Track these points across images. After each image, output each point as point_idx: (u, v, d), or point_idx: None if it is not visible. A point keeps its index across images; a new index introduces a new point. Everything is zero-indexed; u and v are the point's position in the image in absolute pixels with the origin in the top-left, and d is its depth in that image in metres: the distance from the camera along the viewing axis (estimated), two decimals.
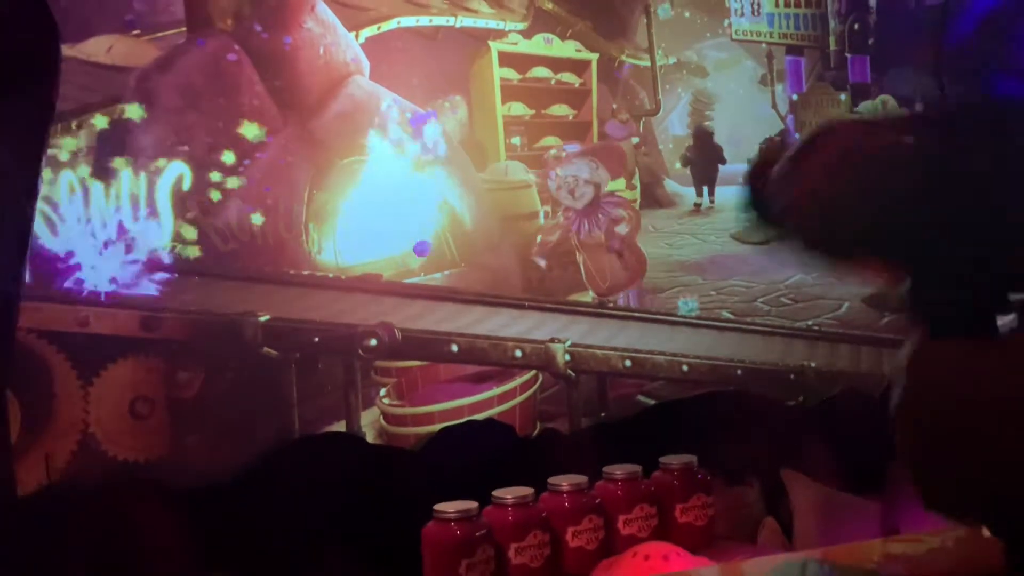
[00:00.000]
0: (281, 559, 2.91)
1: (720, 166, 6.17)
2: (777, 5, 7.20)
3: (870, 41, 6.95)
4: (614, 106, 6.56)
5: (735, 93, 8.26)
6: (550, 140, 5.92)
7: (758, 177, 1.79)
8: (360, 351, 3.41)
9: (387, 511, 2.97)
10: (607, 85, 6.01)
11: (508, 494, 2.81)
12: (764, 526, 3.19)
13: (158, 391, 3.33)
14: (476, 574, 2.69)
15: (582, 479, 2.91)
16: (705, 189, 6.38)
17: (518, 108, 5.84)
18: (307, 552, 2.91)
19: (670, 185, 6.79)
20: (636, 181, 6.31)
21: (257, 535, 2.93)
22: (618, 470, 2.97)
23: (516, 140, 5.55)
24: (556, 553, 2.84)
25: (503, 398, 3.67)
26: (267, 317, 3.41)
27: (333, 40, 4.72)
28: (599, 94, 5.92)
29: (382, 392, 3.69)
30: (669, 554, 2.68)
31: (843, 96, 6.65)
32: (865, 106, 6.53)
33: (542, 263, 4.45)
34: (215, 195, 3.91)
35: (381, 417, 3.63)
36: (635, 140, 6.75)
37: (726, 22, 7.14)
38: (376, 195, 4.59)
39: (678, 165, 6.90)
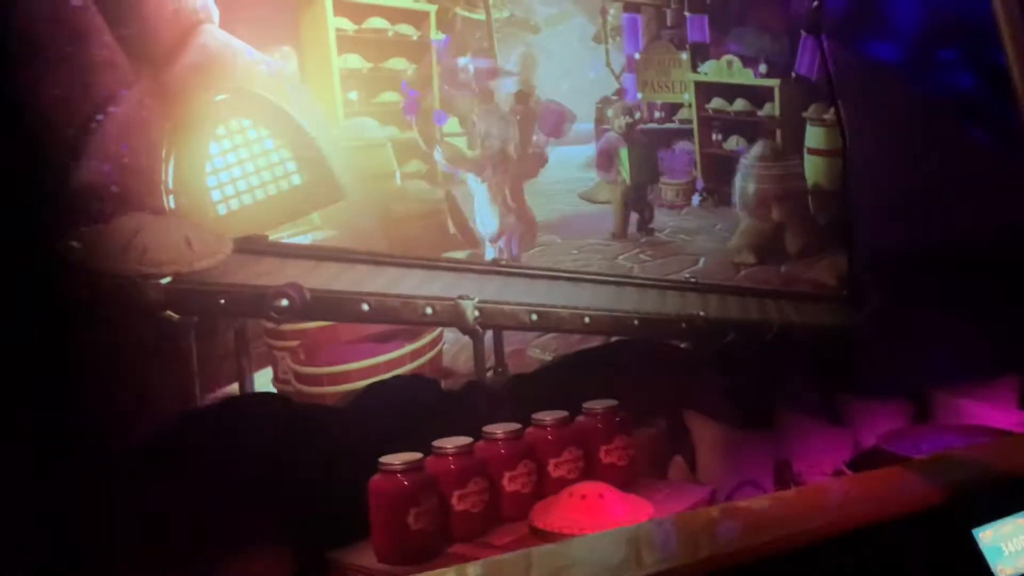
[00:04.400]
0: (219, 517, 3.09)
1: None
2: None
3: (708, 0, 7.27)
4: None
5: (566, 50, 8.54)
6: (389, 95, 6.02)
7: None
8: (272, 312, 3.57)
9: (320, 466, 3.19)
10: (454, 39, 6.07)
11: (448, 444, 3.07)
12: (673, 463, 3.57)
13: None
14: (423, 522, 2.96)
15: (515, 426, 3.21)
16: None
17: (354, 61, 5.87)
18: (244, 509, 3.10)
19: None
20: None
21: (191, 494, 3.10)
22: (547, 416, 3.27)
23: (353, 95, 5.47)
24: (494, 498, 3.11)
25: (415, 355, 3.92)
26: (169, 279, 3.51)
27: None
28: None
29: (287, 355, 3.85)
30: (604, 492, 3.02)
31: (684, 56, 6.93)
32: (709, 66, 6.88)
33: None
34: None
35: (293, 378, 3.80)
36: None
37: None
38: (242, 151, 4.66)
39: None
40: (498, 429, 3.25)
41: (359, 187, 4.88)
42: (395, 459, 3.00)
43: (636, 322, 4.20)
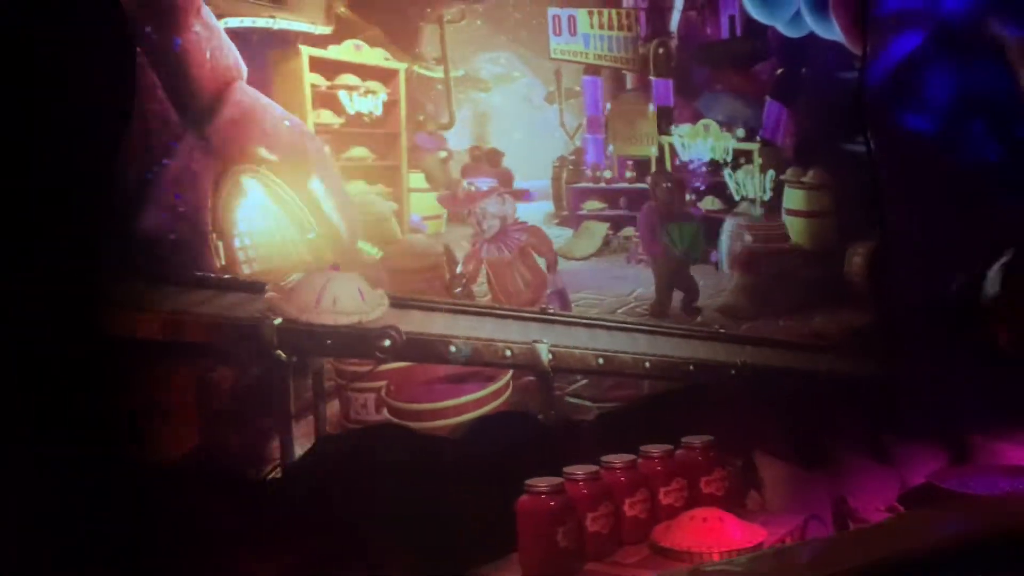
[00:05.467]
0: (357, 539, 3.46)
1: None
2: (592, 26, 7.91)
3: (672, 65, 7.78)
4: (420, 117, 7.11)
5: (512, 109, 9.02)
6: (358, 151, 6.42)
7: None
8: (376, 352, 3.96)
9: (448, 490, 3.58)
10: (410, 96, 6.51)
11: (578, 470, 3.49)
12: (749, 498, 4.06)
13: (182, 394, 3.72)
14: (568, 541, 3.38)
15: (630, 457, 3.65)
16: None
17: (327, 116, 6.27)
18: (381, 532, 3.47)
19: None
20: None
21: (332, 520, 3.46)
22: (653, 449, 3.72)
23: (325, 149, 5.90)
24: (618, 522, 3.54)
25: (496, 394, 4.35)
26: (280, 320, 3.87)
27: (217, 44, 5.11)
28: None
29: (383, 392, 4.24)
30: (722, 516, 3.49)
31: (651, 107, 7.33)
32: (684, 130, 7.35)
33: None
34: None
35: (389, 413, 4.19)
36: (443, 154, 7.38)
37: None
38: (270, 205, 5.06)
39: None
40: (616, 459, 3.68)
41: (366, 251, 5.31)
42: (541, 482, 3.40)
43: (691, 367, 4.67)
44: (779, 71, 7.32)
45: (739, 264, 6.21)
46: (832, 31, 5.71)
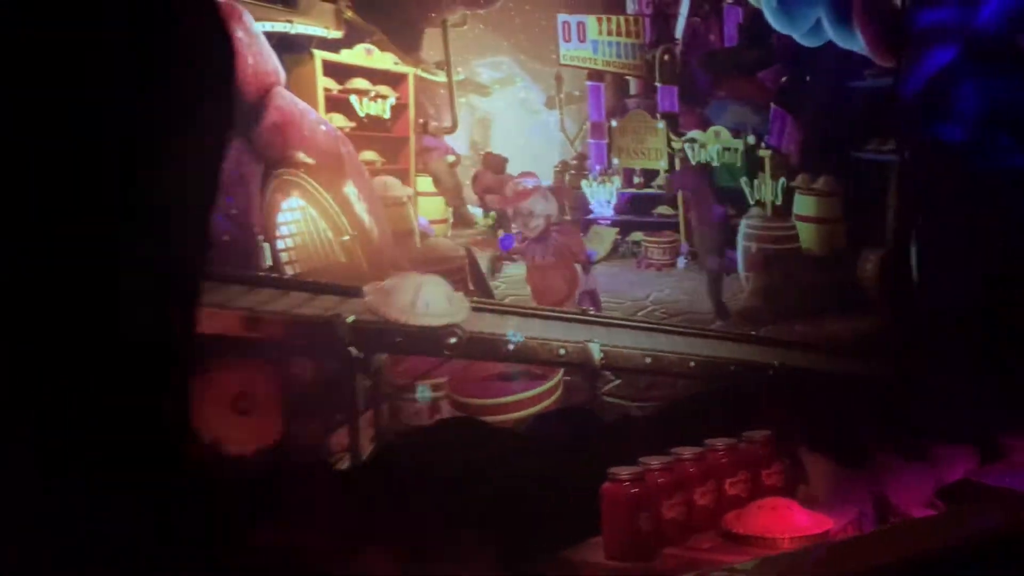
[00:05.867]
0: (439, 529, 3.66)
1: None
2: (601, 33, 8.18)
3: (677, 71, 8.06)
4: (420, 121, 7.36)
5: (512, 114, 9.28)
6: (368, 154, 6.67)
7: None
8: (445, 349, 4.17)
9: (522, 479, 3.80)
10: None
11: (654, 460, 3.70)
12: (799, 492, 4.29)
13: (261, 387, 3.93)
14: (650, 526, 3.59)
15: (700, 449, 3.87)
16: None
17: (338, 120, 6.51)
18: (462, 523, 3.68)
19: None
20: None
21: (413, 509, 3.66)
22: (719, 442, 3.94)
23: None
24: (690, 510, 3.76)
25: (551, 391, 4.57)
26: (353, 318, 4.09)
27: (258, 49, 5.34)
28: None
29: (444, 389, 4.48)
30: (791, 505, 3.71)
31: (660, 124, 7.64)
32: (695, 135, 7.62)
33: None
34: None
35: (454, 408, 4.41)
36: (451, 158, 7.63)
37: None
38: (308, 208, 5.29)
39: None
40: (686, 451, 3.89)
41: (391, 249, 5.55)
42: (623, 470, 3.62)
43: (732, 367, 4.92)
44: (783, 79, 7.61)
45: (755, 267, 6.49)
46: (854, 42, 5.95)
